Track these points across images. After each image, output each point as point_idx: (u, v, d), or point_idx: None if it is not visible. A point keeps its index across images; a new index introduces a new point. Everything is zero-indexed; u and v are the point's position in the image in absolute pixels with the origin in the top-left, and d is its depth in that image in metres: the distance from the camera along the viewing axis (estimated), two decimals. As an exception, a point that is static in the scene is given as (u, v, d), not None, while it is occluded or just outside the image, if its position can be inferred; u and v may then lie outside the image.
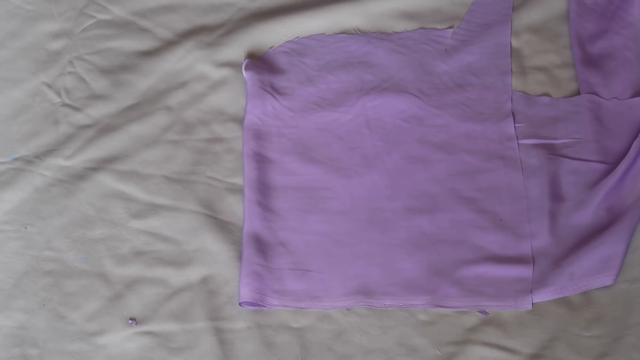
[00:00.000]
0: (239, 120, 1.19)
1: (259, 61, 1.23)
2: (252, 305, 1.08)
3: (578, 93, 1.19)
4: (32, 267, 1.10)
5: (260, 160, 1.16)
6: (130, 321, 1.07)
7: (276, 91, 1.20)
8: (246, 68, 1.21)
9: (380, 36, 1.24)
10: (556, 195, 1.12)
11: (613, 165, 1.13)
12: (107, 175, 1.15)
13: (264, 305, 1.08)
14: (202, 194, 1.14)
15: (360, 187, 1.14)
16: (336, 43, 1.24)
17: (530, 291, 1.08)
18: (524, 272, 1.09)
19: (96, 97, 1.21)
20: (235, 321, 1.07)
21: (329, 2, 1.26)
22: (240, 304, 1.08)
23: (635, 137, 1.14)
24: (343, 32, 1.25)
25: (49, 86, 1.22)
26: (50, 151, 1.17)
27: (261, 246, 1.10)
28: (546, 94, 1.20)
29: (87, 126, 1.19)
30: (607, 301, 1.08)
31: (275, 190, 1.14)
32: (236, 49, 1.23)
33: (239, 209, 1.14)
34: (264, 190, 1.14)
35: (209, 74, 1.22)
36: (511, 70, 1.21)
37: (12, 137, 1.18)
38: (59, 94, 1.21)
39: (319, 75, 1.22)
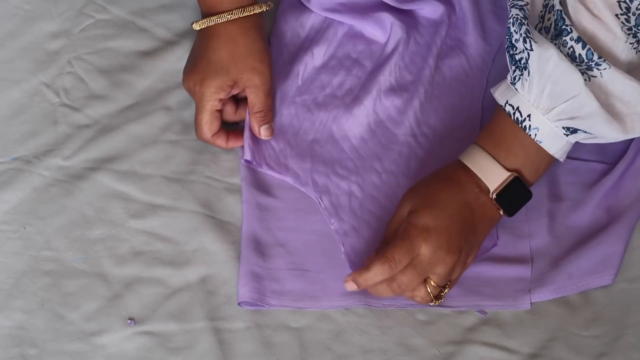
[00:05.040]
0: (238, 120, 1.19)
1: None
2: (251, 305, 1.08)
3: (577, 92, 1.19)
4: (31, 267, 1.10)
5: (259, 160, 1.16)
6: (129, 321, 1.07)
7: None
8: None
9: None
10: (555, 195, 1.12)
11: (612, 165, 1.13)
12: (105, 175, 1.15)
13: (262, 305, 1.08)
14: (201, 194, 1.14)
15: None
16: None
17: (529, 291, 1.08)
18: (522, 271, 1.09)
19: (95, 97, 1.21)
20: (234, 321, 1.07)
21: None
22: (239, 303, 1.08)
23: (634, 137, 1.14)
24: None
25: (48, 86, 1.22)
26: (49, 151, 1.17)
27: (260, 246, 1.10)
28: (545, 94, 1.20)
29: (86, 126, 1.19)
30: (605, 301, 1.08)
31: (274, 190, 1.14)
32: (235, 48, 1.23)
33: (237, 208, 1.14)
34: (262, 190, 1.14)
35: (207, 73, 1.22)
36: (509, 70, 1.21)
37: (11, 137, 1.18)
38: (57, 94, 1.21)
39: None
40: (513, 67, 1.01)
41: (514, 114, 1.01)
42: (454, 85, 1.19)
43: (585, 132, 0.99)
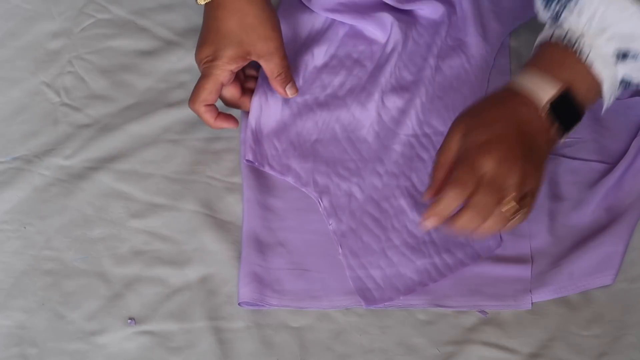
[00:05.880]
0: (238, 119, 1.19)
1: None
2: (251, 305, 1.08)
3: (577, 92, 1.19)
4: (32, 266, 1.10)
5: (260, 159, 1.16)
6: (129, 321, 1.07)
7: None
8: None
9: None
10: (555, 195, 1.12)
11: (612, 165, 1.13)
12: (106, 174, 1.16)
13: (263, 305, 1.08)
14: (202, 194, 1.14)
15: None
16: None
17: (530, 291, 1.08)
18: (523, 271, 1.09)
19: (95, 96, 1.21)
20: (235, 321, 1.07)
21: None
22: (239, 303, 1.08)
23: (635, 137, 1.14)
24: None
25: (48, 86, 1.22)
26: (49, 151, 1.17)
27: (260, 246, 1.10)
28: (545, 94, 1.19)
29: (87, 126, 1.19)
30: (606, 301, 1.08)
31: (275, 189, 1.14)
32: (235, 48, 1.23)
33: (238, 208, 1.14)
34: (263, 189, 1.14)
35: (208, 73, 1.22)
36: (510, 70, 1.21)
37: (12, 136, 1.19)
38: (58, 94, 1.21)
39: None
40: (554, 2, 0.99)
41: (564, 38, 0.98)
42: (455, 85, 1.19)
43: (635, 58, 0.97)
